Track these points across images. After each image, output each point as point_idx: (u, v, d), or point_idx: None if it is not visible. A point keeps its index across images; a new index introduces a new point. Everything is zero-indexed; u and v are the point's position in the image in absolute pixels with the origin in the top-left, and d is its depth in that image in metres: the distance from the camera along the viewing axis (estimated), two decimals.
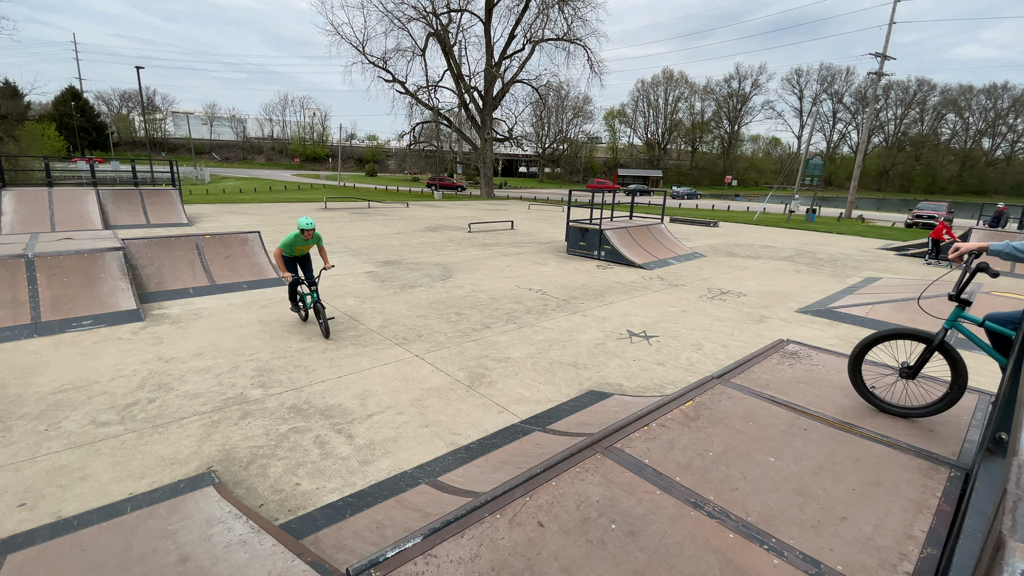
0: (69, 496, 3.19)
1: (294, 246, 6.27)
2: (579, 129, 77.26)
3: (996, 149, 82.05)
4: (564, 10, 35.72)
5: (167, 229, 14.85)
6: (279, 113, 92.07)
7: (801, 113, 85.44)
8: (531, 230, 18.49)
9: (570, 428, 4.06)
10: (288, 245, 6.23)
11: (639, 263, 11.79)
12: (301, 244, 6.31)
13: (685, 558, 1.79)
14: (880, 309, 8.01)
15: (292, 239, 6.20)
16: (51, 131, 36.28)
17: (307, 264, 6.63)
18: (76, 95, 62.98)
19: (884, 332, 2.92)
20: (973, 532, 1.67)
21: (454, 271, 10.60)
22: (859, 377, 3.05)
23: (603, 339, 6.58)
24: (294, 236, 6.18)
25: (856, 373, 3.05)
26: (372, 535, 2.77)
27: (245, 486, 3.37)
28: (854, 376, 3.06)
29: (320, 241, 6.47)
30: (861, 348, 3.01)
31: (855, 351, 3.03)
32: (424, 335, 6.53)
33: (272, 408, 4.46)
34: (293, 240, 6.21)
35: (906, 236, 21.13)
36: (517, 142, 49.28)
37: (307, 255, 6.63)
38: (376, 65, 37.47)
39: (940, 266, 13.79)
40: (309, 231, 6.12)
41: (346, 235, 15.21)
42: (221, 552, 2.45)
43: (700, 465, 2.35)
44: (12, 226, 12.97)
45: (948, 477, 2.29)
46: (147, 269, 8.11)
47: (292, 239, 6.20)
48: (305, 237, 6.19)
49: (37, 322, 6.19)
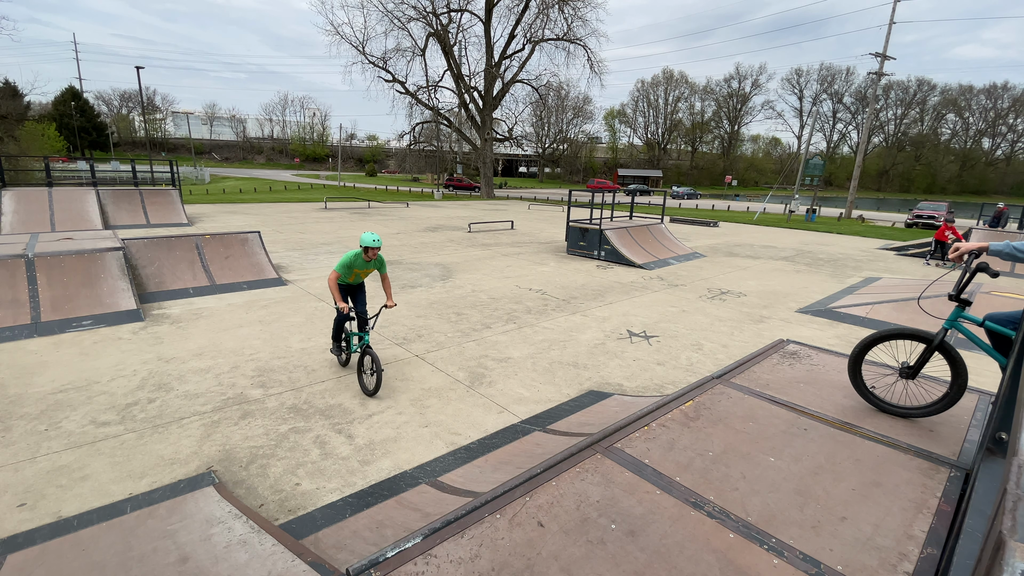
0: (69, 496, 3.19)
1: (352, 268, 4.87)
2: (579, 129, 77.31)
3: (996, 149, 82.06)
4: (564, 10, 35.72)
5: (167, 229, 14.85)
6: (279, 113, 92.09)
7: (801, 113, 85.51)
8: (531, 230, 18.49)
9: (570, 428, 4.06)
10: (346, 267, 4.84)
11: (639, 263, 11.79)
12: (361, 267, 4.90)
13: (685, 558, 1.79)
14: (880, 309, 8.01)
15: (351, 259, 4.82)
16: (51, 131, 36.33)
17: (360, 295, 5.15)
18: (76, 95, 62.96)
19: (884, 332, 2.92)
20: (973, 532, 1.67)
21: (454, 271, 10.60)
22: (859, 377, 3.05)
23: (603, 339, 6.58)
24: (354, 256, 4.81)
25: (856, 373, 3.05)
26: (372, 535, 2.77)
27: (245, 486, 3.37)
28: (854, 376, 3.06)
29: (384, 267, 5.03)
30: (861, 348, 3.00)
31: (855, 351, 3.03)
32: (424, 335, 6.53)
33: (272, 408, 4.46)
34: (352, 260, 4.82)
35: (906, 236, 21.13)
36: (517, 142, 49.27)
37: (362, 284, 5.19)
38: (376, 65, 37.48)
39: (942, 266, 13.78)
40: (374, 250, 4.72)
41: (346, 235, 15.21)
42: (221, 552, 2.45)
43: (700, 465, 2.35)
44: (12, 226, 12.97)
45: (948, 477, 2.29)
46: (147, 269, 8.11)
47: (351, 259, 4.82)
48: (367, 258, 4.77)
49: (37, 322, 6.19)
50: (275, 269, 9.29)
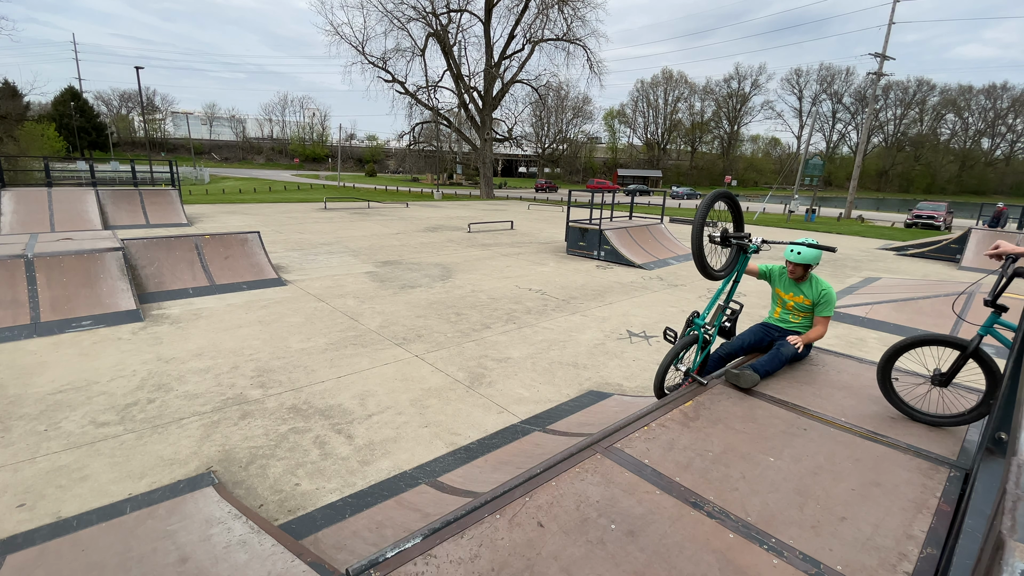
0: (68, 496, 3.18)
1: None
2: (579, 129, 77.32)
3: (995, 149, 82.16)
4: (564, 10, 35.74)
5: (167, 229, 14.84)
6: (279, 113, 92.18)
7: (801, 113, 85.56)
8: (531, 230, 18.48)
9: (570, 428, 4.06)
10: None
11: (639, 263, 11.79)
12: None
13: (685, 558, 1.79)
14: (880, 309, 8.01)
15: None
16: (51, 131, 36.27)
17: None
18: (75, 95, 62.87)
19: (916, 338, 2.81)
20: (973, 532, 1.67)
21: (454, 271, 10.60)
22: (888, 383, 2.91)
23: (603, 339, 6.58)
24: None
25: (885, 379, 2.92)
26: (372, 535, 2.76)
27: (245, 486, 3.37)
28: (883, 382, 2.93)
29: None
30: (891, 354, 2.85)
31: (885, 356, 2.89)
32: (424, 335, 6.53)
33: (272, 408, 4.46)
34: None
35: (906, 236, 21.15)
36: (517, 142, 49.30)
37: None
38: (376, 65, 37.49)
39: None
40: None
41: (346, 235, 15.21)
42: (221, 552, 2.45)
43: (700, 465, 2.35)
44: (11, 226, 12.95)
45: (948, 477, 2.29)
46: (147, 269, 8.11)
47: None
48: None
49: (36, 322, 6.18)
50: (275, 269, 9.28)
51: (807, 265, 3.50)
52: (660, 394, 3.48)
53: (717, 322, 3.62)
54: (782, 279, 3.71)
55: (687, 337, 3.53)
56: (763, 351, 3.69)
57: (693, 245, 3.13)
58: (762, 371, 3.26)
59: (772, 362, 3.33)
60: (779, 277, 3.73)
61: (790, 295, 3.65)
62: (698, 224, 3.11)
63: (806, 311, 3.62)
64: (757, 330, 3.78)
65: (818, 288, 3.55)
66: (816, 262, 3.49)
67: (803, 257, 3.45)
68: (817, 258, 3.48)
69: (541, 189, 52.41)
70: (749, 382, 3.12)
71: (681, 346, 3.48)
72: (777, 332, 3.72)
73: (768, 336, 3.72)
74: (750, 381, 3.13)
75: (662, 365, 3.42)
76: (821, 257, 3.57)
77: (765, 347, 3.70)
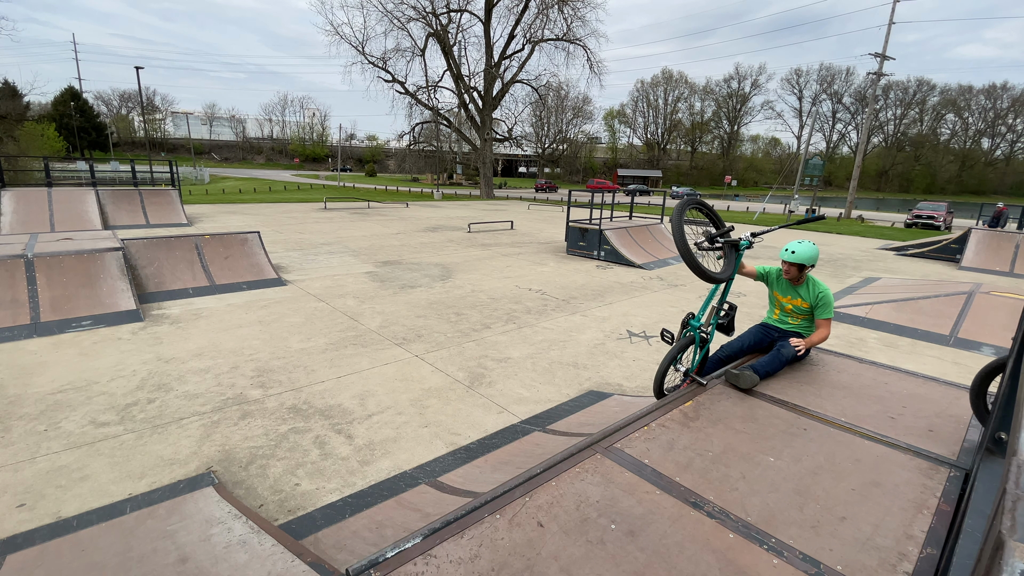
0: (68, 496, 3.19)
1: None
2: (579, 129, 77.36)
3: (995, 149, 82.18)
4: (564, 10, 35.75)
5: (167, 229, 14.84)
6: (279, 113, 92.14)
7: (801, 113, 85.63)
8: (531, 230, 18.48)
9: (570, 428, 4.06)
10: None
11: (639, 263, 11.79)
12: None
13: (685, 558, 1.79)
14: (880, 309, 8.02)
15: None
16: (50, 131, 36.29)
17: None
18: (75, 95, 62.92)
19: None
20: (973, 532, 1.67)
21: (454, 271, 10.60)
22: (984, 403, 2.64)
23: (603, 339, 6.58)
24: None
25: (981, 398, 2.64)
26: (372, 535, 2.77)
27: (245, 486, 3.37)
28: (977, 402, 2.65)
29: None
30: (987, 373, 2.59)
31: (979, 375, 2.62)
32: (424, 335, 6.53)
33: (272, 408, 4.46)
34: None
35: (906, 236, 21.14)
36: (517, 142, 49.32)
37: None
38: (376, 65, 37.50)
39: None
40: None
41: (346, 235, 15.21)
42: (221, 552, 2.45)
43: (700, 465, 2.35)
44: (11, 226, 12.96)
45: (948, 477, 2.29)
46: (146, 269, 8.11)
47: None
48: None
49: (36, 322, 6.18)
50: (275, 269, 9.28)
51: (803, 266, 3.49)
52: (660, 395, 3.48)
53: (713, 322, 3.63)
54: (779, 282, 3.71)
55: (684, 339, 3.54)
56: (764, 351, 3.69)
57: (685, 260, 3.11)
58: (762, 372, 3.26)
59: (772, 363, 3.33)
60: (776, 280, 3.73)
61: (787, 298, 3.65)
62: (680, 240, 3.07)
63: (804, 314, 3.61)
64: (757, 331, 3.78)
65: (815, 290, 3.54)
66: (812, 262, 3.48)
67: (797, 256, 3.44)
68: (813, 258, 3.47)
69: (541, 189, 52.49)
70: (749, 383, 3.12)
71: (679, 348, 3.48)
72: (777, 333, 3.72)
73: (768, 337, 3.72)
74: (750, 382, 3.13)
75: (661, 366, 3.42)
76: (817, 258, 3.55)
77: (765, 348, 3.70)
